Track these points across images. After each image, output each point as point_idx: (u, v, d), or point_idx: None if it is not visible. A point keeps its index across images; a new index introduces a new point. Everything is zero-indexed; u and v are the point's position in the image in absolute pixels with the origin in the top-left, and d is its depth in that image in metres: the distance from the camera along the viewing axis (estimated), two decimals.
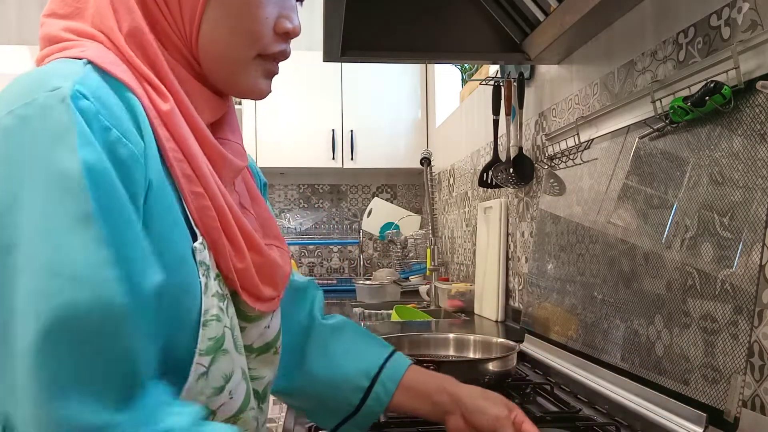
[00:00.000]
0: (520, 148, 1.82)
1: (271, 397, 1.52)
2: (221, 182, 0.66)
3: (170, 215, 0.60)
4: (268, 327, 0.74)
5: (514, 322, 1.90)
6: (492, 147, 1.95)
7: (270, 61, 0.70)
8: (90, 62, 0.59)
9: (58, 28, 0.65)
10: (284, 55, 0.71)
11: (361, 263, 3.72)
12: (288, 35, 0.70)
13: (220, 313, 0.62)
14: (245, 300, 0.68)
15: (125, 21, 0.64)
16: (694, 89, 0.95)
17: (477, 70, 2.65)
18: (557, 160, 1.51)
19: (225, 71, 0.68)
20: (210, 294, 0.62)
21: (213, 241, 0.64)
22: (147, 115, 0.60)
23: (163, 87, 0.63)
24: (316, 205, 3.81)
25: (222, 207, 0.64)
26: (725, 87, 0.89)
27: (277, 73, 0.73)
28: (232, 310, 0.66)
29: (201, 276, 0.61)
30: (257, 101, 3.32)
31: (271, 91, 0.73)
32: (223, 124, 0.73)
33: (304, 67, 3.36)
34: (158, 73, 0.64)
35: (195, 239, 0.62)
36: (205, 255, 0.62)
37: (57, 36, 0.64)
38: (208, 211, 0.63)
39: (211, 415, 0.63)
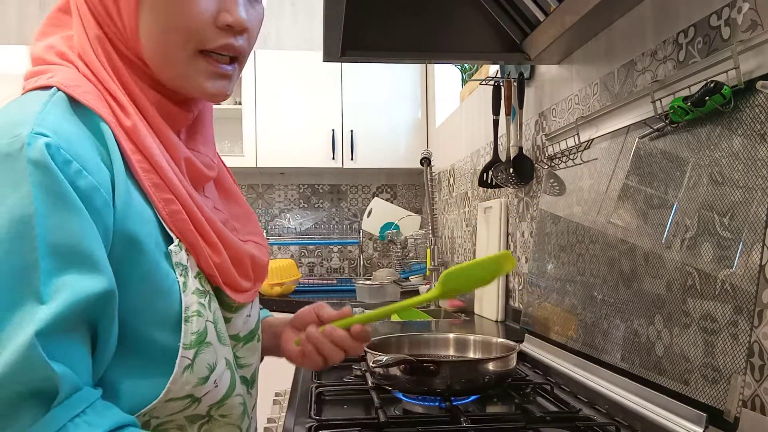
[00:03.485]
0: (520, 148, 1.82)
1: (272, 398, 1.51)
2: (191, 187, 0.68)
3: (142, 225, 0.63)
4: (249, 316, 0.78)
5: (514, 322, 1.90)
6: (492, 147, 1.95)
7: (214, 59, 0.68)
8: (58, 89, 0.62)
9: (41, 48, 0.68)
10: (229, 49, 0.68)
11: (361, 263, 3.72)
12: (231, 28, 0.67)
13: (201, 308, 0.66)
14: (227, 293, 0.71)
15: (91, 30, 0.66)
16: (694, 89, 0.95)
17: (477, 70, 2.65)
18: (557, 160, 1.51)
19: (169, 73, 0.67)
20: (189, 292, 0.65)
21: (190, 243, 0.67)
22: (114, 133, 0.62)
23: (126, 101, 0.65)
24: (316, 205, 3.81)
25: (193, 210, 0.67)
26: (725, 87, 0.89)
27: (229, 74, 0.69)
28: (214, 304, 0.69)
29: (179, 276, 0.65)
30: (257, 100, 3.33)
31: (226, 94, 0.70)
32: (195, 134, 0.75)
33: (304, 67, 3.37)
34: (124, 86, 0.66)
35: (171, 243, 0.65)
36: (181, 256, 0.66)
37: (38, 58, 0.67)
38: (179, 215, 0.66)
39: (197, 402, 0.67)
